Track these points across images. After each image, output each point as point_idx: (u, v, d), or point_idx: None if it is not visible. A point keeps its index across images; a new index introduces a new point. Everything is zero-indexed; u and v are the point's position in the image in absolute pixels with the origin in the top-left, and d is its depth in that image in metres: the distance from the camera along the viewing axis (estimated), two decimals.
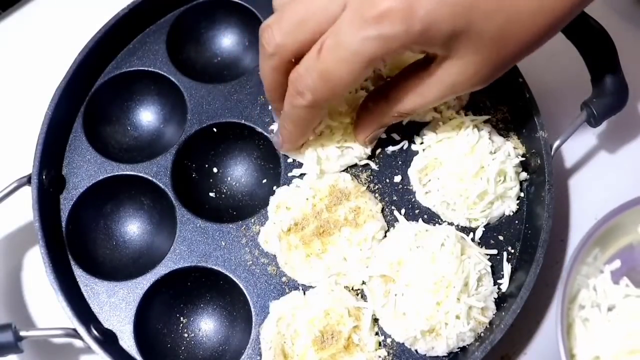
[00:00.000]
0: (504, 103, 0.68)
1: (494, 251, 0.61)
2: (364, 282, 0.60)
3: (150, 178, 0.65)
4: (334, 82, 0.48)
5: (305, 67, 0.49)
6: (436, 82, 0.51)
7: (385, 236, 0.61)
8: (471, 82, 0.51)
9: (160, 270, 0.61)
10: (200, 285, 0.62)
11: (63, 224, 0.63)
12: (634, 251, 0.57)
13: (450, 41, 0.47)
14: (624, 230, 0.57)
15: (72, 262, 0.62)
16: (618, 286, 0.56)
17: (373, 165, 0.65)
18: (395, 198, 0.63)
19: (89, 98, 0.69)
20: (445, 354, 0.57)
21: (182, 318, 0.62)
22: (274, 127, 0.67)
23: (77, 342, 0.61)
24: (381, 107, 0.56)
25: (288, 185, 0.64)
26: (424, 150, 0.64)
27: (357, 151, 0.63)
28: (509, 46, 0.48)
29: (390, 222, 0.62)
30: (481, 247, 0.61)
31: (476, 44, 0.47)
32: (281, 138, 0.60)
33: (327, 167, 0.63)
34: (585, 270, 0.55)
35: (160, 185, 0.65)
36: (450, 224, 0.62)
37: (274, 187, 0.64)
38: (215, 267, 0.61)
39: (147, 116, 0.71)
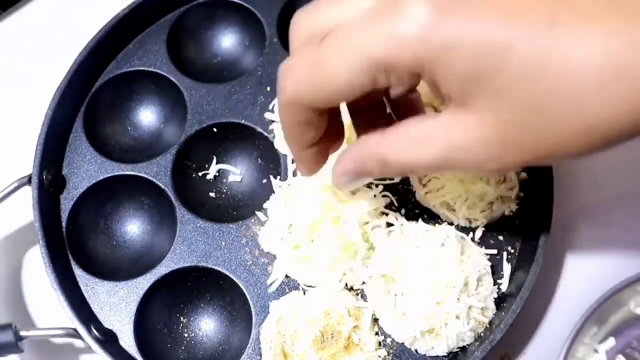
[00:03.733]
0: None
1: (494, 251, 0.61)
2: (364, 282, 0.60)
3: (151, 178, 0.65)
4: (322, 77, 0.40)
5: (298, 56, 0.42)
6: (437, 134, 0.40)
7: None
8: (472, 153, 0.39)
9: (161, 270, 0.61)
10: (200, 285, 0.62)
11: (63, 224, 0.63)
12: (627, 328, 0.57)
13: (468, 80, 0.36)
14: (617, 308, 0.57)
15: (73, 262, 0.62)
16: None
17: None
18: (395, 198, 0.63)
19: (89, 98, 0.69)
20: (445, 354, 0.57)
21: (182, 318, 0.62)
22: (274, 126, 0.67)
23: (77, 342, 0.61)
24: (371, 142, 0.44)
25: (288, 185, 0.64)
26: None
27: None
28: (535, 128, 0.36)
29: (391, 222, 0.62)
30: (481, 247, 0.61)
31: (496, 100, 0.36)
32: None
33: None
34: (581, 352, 0.55)
35: (160, 185, 0.65)
36: (450, 224, 0.62)
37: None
38: (215, 267, 0.61)
39: (147, 116, 0.71)
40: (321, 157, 0.49)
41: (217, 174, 0.68)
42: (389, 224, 0.60)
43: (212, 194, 0.67)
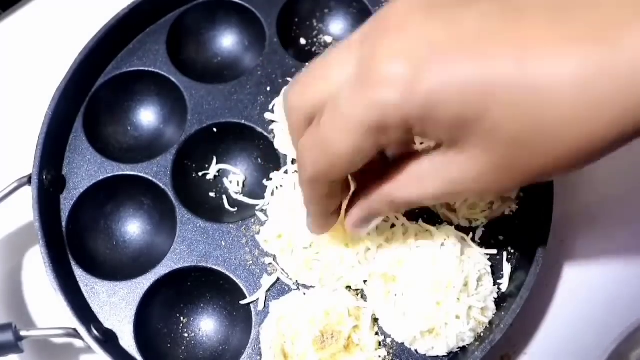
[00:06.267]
0: None
1: (494, 251, 0.61)
2: (365, 282, 0.60)
3: (151, 178, 0.65)
4: (332, 154, 0.42)
5: (307, 138, 0.44)
6: (435, 174, 0.43)
7: None
8: (472, 186, 0.41)
9: (161, 270, 0.61)
10: (200, 285, 0.62)
11: (63, 224, 0.63)
12: None
13: (456, 128, 0.38)
14: (637, 345, 0.57)
15: (72, 262, 0.62)
16: None
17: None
18: None
19: (89, 98, 0.69)
20: (445, 354, 0.57)
21: (182, 318, 0.62)
22: (274, 126, 0.67)
23: (78, 342, 0.61)
24: (376, 187, 0.47)
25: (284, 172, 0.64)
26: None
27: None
28: (525, 156, 0.38)
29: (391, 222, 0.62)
30: (481, 247, 0.61)
31: (485, 141, 0.38)
32: (308, 220, 0.54)
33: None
34: None
35: (160, 185, 0.65)
36: (450, 224, 0.62)
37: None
38: (215, 267, 0.61)
39: (147, 116, 0.71)
40: (337, 217, 0.53)
41: (217, 174, 0.68)
42: (391, 225, 0.60)
43: (212, 194, 0.67)
